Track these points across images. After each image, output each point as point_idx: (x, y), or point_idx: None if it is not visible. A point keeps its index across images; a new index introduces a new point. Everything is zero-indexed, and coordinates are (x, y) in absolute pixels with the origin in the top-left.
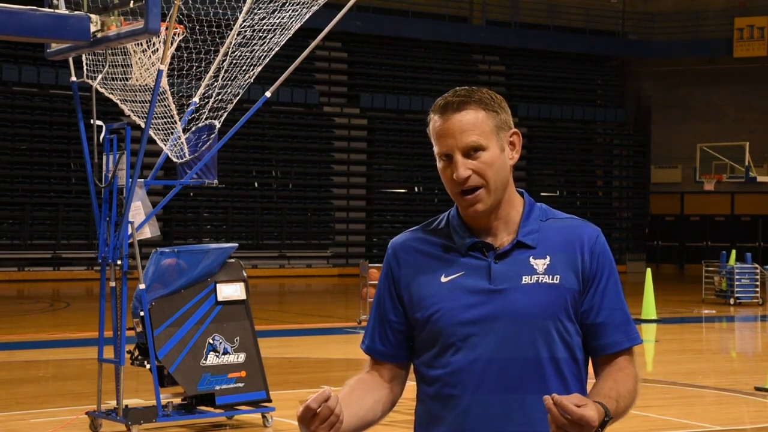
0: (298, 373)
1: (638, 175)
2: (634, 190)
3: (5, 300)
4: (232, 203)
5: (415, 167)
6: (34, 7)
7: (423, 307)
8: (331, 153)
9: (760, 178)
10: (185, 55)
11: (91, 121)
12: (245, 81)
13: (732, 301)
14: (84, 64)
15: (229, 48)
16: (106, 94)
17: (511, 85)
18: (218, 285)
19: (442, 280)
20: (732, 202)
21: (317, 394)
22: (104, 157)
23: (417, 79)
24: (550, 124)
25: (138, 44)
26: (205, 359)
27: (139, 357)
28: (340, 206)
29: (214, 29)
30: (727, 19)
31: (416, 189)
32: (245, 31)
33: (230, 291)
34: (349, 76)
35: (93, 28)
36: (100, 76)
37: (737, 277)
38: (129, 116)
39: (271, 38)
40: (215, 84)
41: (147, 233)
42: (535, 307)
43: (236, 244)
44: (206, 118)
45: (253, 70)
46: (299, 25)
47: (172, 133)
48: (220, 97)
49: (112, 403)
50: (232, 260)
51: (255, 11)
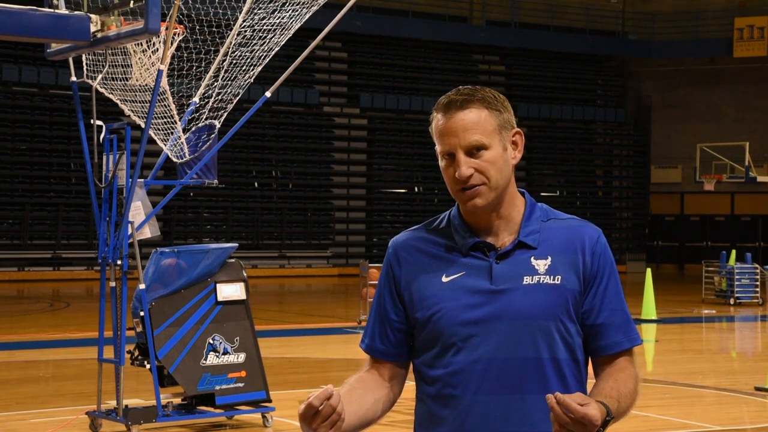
0: (298, 373)
1: (638, 175)
2: (634, 190)
3: (5, 300)
4: (232, 203)
5: (415, 167)
6: (34, 7)
7: (424, 307)
8: (331, 153)
9: (760, 178)
10: (185, 55)
11: (91, 121)
12: (245, 81)
13: (732, 301)
14: (84, 64)
15: (229, 48)
16: (106, 94)
17: (511, 85)
18: (218, 285)
19: (444, 280)
20: (732, 202)
21: (319, 391)
22: (104, 157)
23: (417, 79)
24: (550, 124)
25: (138, 44)
26: (205, 359)
27: (139, 357)
28: (340, 206)
29: (214, 29)
30: (727, 19)
31: (416, 189)
32: (245, 31)
33: (230, 291)
34: (349, 76)
35: (93, 28)
36: (100, 76)
37: (737, 277)
38: (129, 116)
39: (271, 38)
40: (215, 84)
41: (147, 233)
42: (536, 308)
43: (236, 244)
44: (206, 118)
45: (253, 70)
46: (299, 25)
47: (172, 133)
48: (220, 97)
49: (112, 403)
50: (232, 260)
51: (255, 11)
